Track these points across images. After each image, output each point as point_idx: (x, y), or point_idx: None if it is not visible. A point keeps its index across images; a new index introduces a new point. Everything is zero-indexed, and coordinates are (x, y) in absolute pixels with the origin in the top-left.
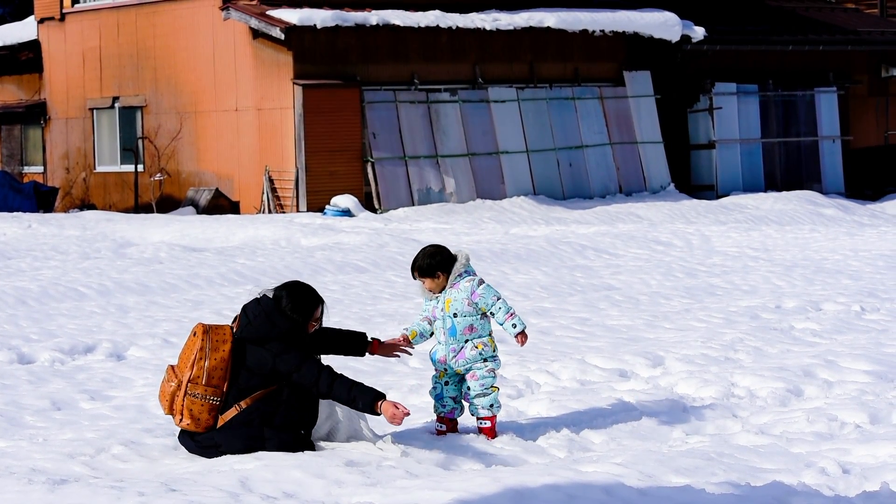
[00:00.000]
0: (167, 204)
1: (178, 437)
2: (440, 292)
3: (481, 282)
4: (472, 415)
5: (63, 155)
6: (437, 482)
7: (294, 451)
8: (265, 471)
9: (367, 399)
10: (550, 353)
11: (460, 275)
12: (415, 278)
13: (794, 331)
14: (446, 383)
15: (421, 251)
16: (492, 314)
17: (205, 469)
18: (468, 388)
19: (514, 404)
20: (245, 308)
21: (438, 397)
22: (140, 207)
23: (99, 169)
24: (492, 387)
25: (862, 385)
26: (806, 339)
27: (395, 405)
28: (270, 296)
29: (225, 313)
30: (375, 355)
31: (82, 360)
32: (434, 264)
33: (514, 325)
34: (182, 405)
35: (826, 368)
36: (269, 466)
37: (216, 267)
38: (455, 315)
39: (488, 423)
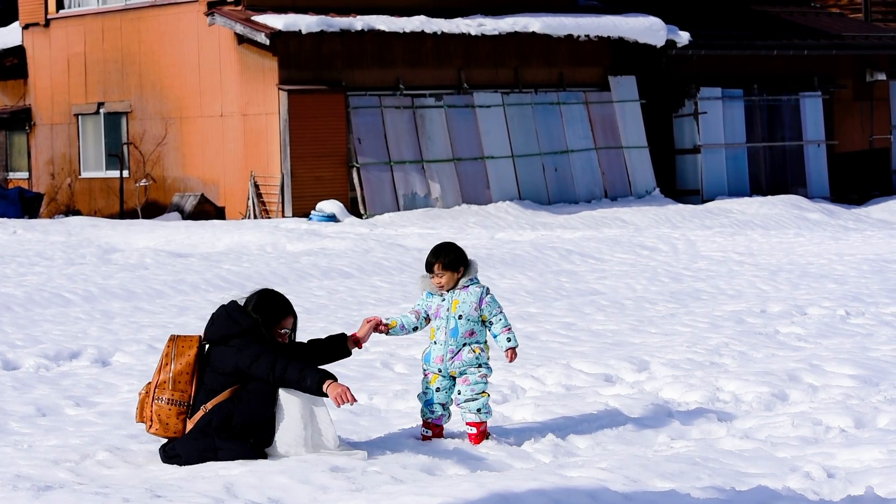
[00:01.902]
0: (152, 209)
1: (159, 450)
2: (448, 291)
3: (488, 291)
4: (465, 421)
5: (48, 161)
6: (423, 487)
7: (246, 459)
8: (250, 476)
9: (315, 378)
10: (536, 358)
11: (471, 279)
12: (432, 271)
13: (780, 335)
14: (437, 389)
15: (442, 246)
16: (490, 323)
17: (190, 475)
18: (458, 393)
19: (500, 409)
20: (213, 313)
21: (428, 403)
22: (125, 213)
23: (84, 175)
24: (482, 392)
25: (847, 389)
26: (791, 343)
27: (343, 387)
28: (241, 302)
29: None
30: (359, 342)
31: (67, 366)
32: (458, 259)
33: (509, 339)
34: (151, 411)
35: (811, 373)
36: (254, 472)
37: (202, 272)
38: (460, 317)
39: (475, 430)
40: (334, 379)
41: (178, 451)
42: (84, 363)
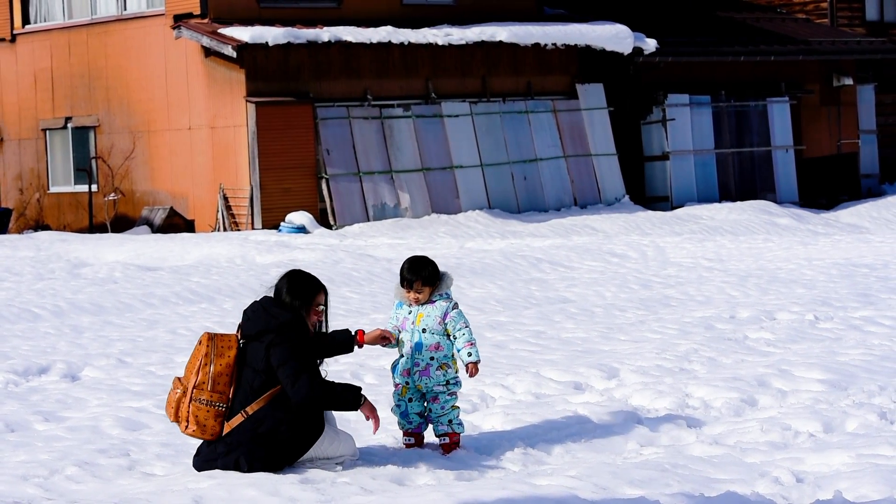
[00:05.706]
0: (121, 223)
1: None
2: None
3: (455, 306)
4: (436, 434)
5: (16, 176)
6: (392, 498)
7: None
8: (219, 489)
9: (355, 393)
10: (505, 367)
11: (441, 294)
12: (409, 287)
13: (749, 340)
14: (410, 400)
15: (418, 261)
16: (454, 337)
17: (159, 489)
18: (430, 411)
19: (469, 418)
20: (245, 310)
21: (403, 415)
22: (94, 227)
23: (53, 189)
24: (452, 406)
25: (815, 394)
26: (760, 348)
27: (373, 408)
28: (271, 294)
29: (180, 332)
30: (364, 345)
31: (36, 382)
32: (435, 272)
33: (470, 354)
34: (188, 412)
35: (780, 378)
36: (222, 485)
37: (171, 286)
38: (424, 330)
39: (448, 440)
40: (364, 398)
41: (219, 452)
42: (53, 378)
